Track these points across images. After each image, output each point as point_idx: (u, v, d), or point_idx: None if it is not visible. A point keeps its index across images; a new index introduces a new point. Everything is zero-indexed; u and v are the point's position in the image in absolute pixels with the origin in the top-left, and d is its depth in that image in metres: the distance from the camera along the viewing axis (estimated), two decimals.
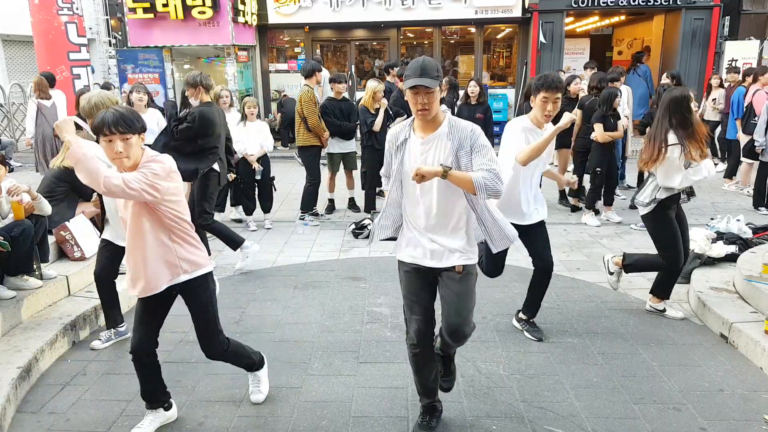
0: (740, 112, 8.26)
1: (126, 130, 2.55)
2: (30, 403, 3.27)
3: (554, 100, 3.52)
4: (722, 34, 11.49)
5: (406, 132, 2.71)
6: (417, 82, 2.53)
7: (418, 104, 2.59)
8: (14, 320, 3.87)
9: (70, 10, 10.06)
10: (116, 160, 2.59)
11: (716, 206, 7.45)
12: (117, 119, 2.53)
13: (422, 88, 2.54)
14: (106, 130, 2.53)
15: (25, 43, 13.15)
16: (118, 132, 2.53)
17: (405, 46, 13.90)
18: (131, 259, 2.79)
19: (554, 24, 12.10)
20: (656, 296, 4.31)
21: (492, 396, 3.26)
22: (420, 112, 2.60)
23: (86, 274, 4.61)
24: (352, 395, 3.29)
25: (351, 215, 7.25)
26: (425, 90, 2.55)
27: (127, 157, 2.58)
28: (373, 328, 4.13)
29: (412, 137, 2.70)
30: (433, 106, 2.60)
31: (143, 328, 2.90)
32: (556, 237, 6.26)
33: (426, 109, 2.58)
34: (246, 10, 12.07)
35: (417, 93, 2.56)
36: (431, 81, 2.53)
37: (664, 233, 4.03)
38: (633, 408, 3.14)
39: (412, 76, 2.56)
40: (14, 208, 4.05)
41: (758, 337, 3.63)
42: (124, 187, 2.51)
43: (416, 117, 2.66)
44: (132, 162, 2.62)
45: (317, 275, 5.22)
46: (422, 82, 2.52)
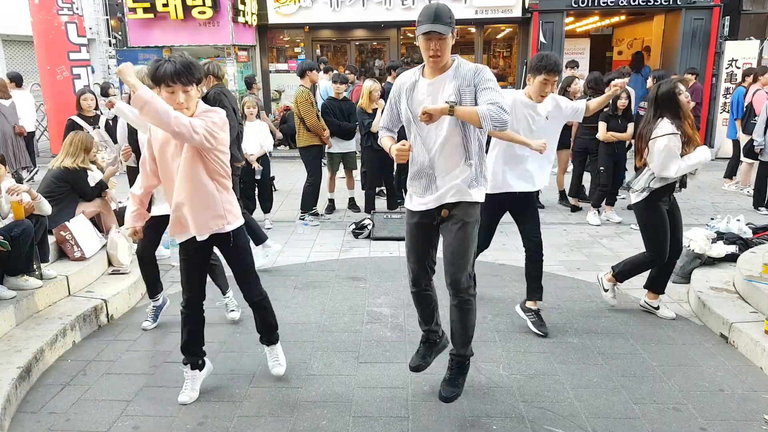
0: (740, 112, 8.26)
1: (187, 82, 2.70)
2: (30, 403, 3.27)
3: (553, 82, 3.64)
4: (722, 34, 11.48)
5: (416, 76, 2.82)
6: (430, 28, 2.57)
7: (430, 50, 2.65)
8: (14, 320, 3.87)
9: (70, 10, 10.06)
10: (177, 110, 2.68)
11: (716, 206, 7.46)
12: (179, 70, 2.66)
13: (435, 34, 2.59)
14: (168, 81, 2.66)
15: (25, 43, 13.14)
16: (180, 83, 2.67)
17: (405, 46, 13.89)
18: (180, 208, 2.94)
19: (554, 24, 12.09)
20: (651, 291, 4.31)
21: (492, 396, 3.26)
22: (432, 58, 2.67)
23: (86, 274, 4.61)
24: (352, 395, 3.29)
25: (351, 215, 7.26)
26: (438, 36, 2.60)
27: (187, 108, 2.75)
28: (373, 328, 4.13)
29: (420, 80, 2.80)
30: (446, 52, 2.67)
31: (192, 283, 3.12)
32: (556, 237, 6.27)
33: (438, 55, 2.65)
34: (246, 10, 12.06)
35: (430, 39, 2.62)
36: (444, 27, 2.56)
37: (653, 225, 4.02)
38: (633, 408, 3.14)
39: (425, 22, 2.59)
40: (14, 208, 4.06)
41: (758, 337, 3.63)
42: (191, 129, 2.65)
43: (427, 63, 2.73)
44: (190, 113, 2.78)
45: (317, 275, 5.22)
46: (435, 29, 2.56)
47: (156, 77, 2.70)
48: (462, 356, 3.07)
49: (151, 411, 3.17)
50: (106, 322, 4.29)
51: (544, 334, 3.92)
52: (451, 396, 3.02)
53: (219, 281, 4.25)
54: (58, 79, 10.09)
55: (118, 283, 4.63)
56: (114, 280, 4.72)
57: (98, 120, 6.93)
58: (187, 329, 3.21)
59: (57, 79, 10.09)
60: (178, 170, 2.87)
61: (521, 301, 4.15)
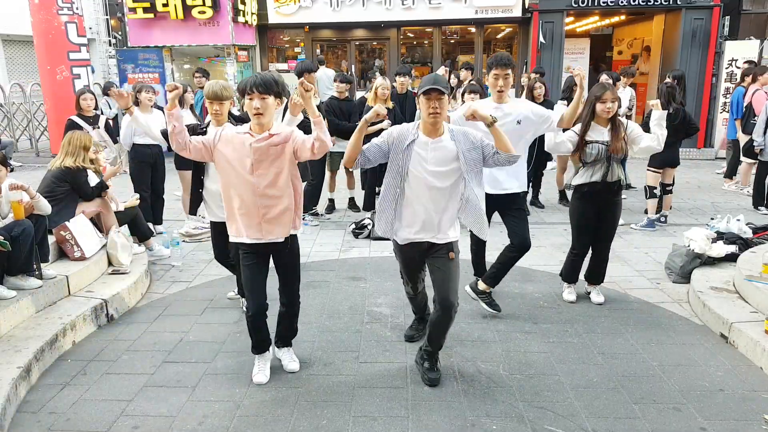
0: (740, 112, 8.26)
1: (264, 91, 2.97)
2: (30, 403, 3.27)
3: (504, 76, 3.88)
4: (722, 34, 11.48)
5: (414, 134, 3.12)
6: (431, 86, 2.98)
7: (430, 107, 3.01)
8: (14, 320, 3.87)
9: (70, 10, 10.06)
10: (255, 115, 3.01)
11: (716, 206, 7.45)
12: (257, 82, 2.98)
13: (435, 92, 2.98)
14: (248, 89, 2.98)
15: (25, 43, 13.16)
16: (257, 92, 2.96)
17: (405, 46, 13.88)
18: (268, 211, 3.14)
19: (554, 24, 12.09)
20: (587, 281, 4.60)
21: (492, 396, 3.26)
22: (432, 115, 3.02)
23: (86, 274, 4.61)
24: (352, 395, 3.29)
25: (351, 215, 7.25)
26: (437, 95, 2.99)
27: (262, 114, 3.00)
28: (373, 328, 4.13)
29: (420, 138, 3.11)
30: (443, 111, 3.02)
31: (258, 289, 3.28)
32: (556, 237, 6.27)
33: (437, 112, 3.01)
34: (246, 9, 12.06)
35: (430, 98, 2.99)
36: (443, 88, 2.98)
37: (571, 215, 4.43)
38: (633, 408, 3.14)
39: (427, 84, 3.00)
40: (14, 207, 4.06)
41: (758, 337, 3.63)
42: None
43: (427, 120, 3.07)
44: (267, 119, 3.05)
45: (317, 275, 5.22)
46: (436, 86, 2.97)
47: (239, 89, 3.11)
48: (435, 352, 3.42)
49: (151, 411, 3.17)
50: (106, 322, 4.29)
51: (498, 310, 4.20)
52: (436, 378, 3.36)
53: None
54: (58, 78, 10.09)
55: (118, 283, 4.63)
56: (114, 280, 4.72)
57: (98, 120, 6.93)
58: (258, 333, 3.38)
59: (57, 78, 10.09)
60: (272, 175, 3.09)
61: (473, 281, 4.44)
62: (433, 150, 3.09)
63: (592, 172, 4.15)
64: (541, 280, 5.00)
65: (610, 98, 4.03)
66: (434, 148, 3.09)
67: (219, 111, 3.77)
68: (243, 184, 3.12)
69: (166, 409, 3.19)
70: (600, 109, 4.05)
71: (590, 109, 4.10)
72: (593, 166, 4.14)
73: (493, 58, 3.92)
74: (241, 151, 3.09)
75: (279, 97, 3.06)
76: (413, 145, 3.10)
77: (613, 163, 4.10)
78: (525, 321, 4.21)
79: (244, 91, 3.02)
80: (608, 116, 4.07)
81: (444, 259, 3.23)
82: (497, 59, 3.88)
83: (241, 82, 3.07)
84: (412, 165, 3.09)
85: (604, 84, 4.20)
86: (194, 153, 3.18)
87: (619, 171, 4.16)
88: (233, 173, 3.13)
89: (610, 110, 4.04)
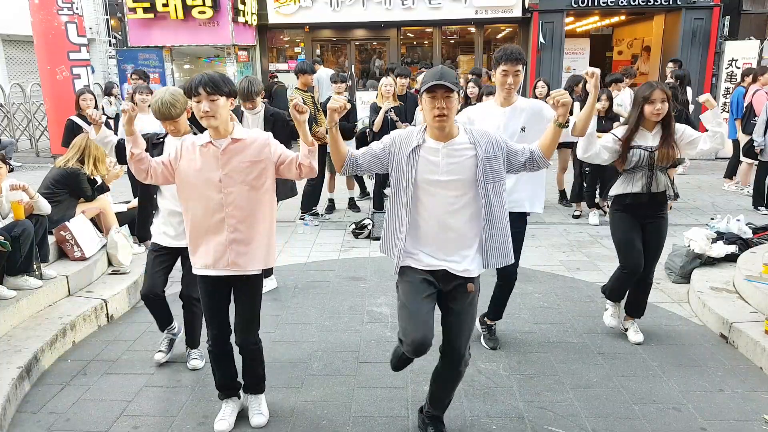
0: (740, 112, 8.26)
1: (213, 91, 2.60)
2: (30, 403, 3.27)
3: (514, 72, 3.32)
4: (722, 34, 11.49)
5: (419, 138, 2.51)
6: (436, 82, 2.38)
7: (435, 109, 2.41)
8: (14, 320, 3.87)
9: (70, 10, 10.05)
10: (203, 119, 2.63)
11: (716, 206, 7.45)
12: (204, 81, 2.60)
13: (440, 90, 2.39)
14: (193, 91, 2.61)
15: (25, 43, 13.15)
16: (206, 93, 2.59)
17: (405, 46, 13.89)
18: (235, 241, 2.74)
19: (554, 24, 12.10)
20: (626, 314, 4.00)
21: (492, 396, 3.26)
22: (437, 118, 2.42)
23: (86, 274, 4.61)
24: (352, 395, 3.29)
25: (351, 215, 7.25)
26: (444, 93, 2.40)
27: (213, 116, 2.62)
28: (373, 328, 4.13)
29: (428, 143, 2.51)
30: (452, 112, 2.44)
31: (218, 319, 2.91)
32: (556, 237, 6.27)
33: (444, 114, 2.41)
34: (246, 9, 12.06)
35: (434, 97, 2.41)
36: (451, 84, 2.39)
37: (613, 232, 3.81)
38: (633, 408, 3.14)
39: (431, 80, 2.40)
40: (14, 207, 4.06)
41: (758, 337, 3.63)
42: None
43: (432, 125, 2.47)
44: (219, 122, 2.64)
45: (317, 275, 5.22)
46: (441, 82, 2.38)
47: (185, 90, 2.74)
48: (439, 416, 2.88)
49: (151, 411, 3.17)
50: (106, 322, 4.29)
51: (493, 348, 3.79)
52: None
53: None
54: (58, 78, 10.08)
55: (118, 283, 4.63)
56: (114, 280, 4.72)
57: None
58: (219, 368, 2.99)
59: (57, 78, 10.08)
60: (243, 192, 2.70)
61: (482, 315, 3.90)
62: (447, 155, 2.48)
63: (631, 181, 3.61)
64: (541, 280, 5.00)
65: (659, 98, 3.47)
66: (448, 153, 2.48)
67: (176, 129, 3.22)
68: (208, 205, 2.72)
69: (166, 409, 3.19)
70: (649, 111, 3.49)
71: (638, 112, 3.55)
72: (633, 174, 3.60)
73: (502, 52, 3.35)
74: (207, 165, 2.69)
75: (230, 97, 2.68)
76: (419, 150, 2.50)
77: (657, 171, 3.56)
78: (525, 321, 4.21)
79: (189, 92, 2.65)
80: (658, 119, 3.51)
81: (461, 299, 2.60)
82: (507, 54, 3.31)
83: (186, 83, 2.69)
84: (420, 174, 2.49)
85: (651, 82, 3.61)
86: (156, 178, 2.79)
87: (666, 180, 3.61)
88: (196, 193, 2.73)
89: (660, 112, 3.47)
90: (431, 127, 2.50)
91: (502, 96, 3.43)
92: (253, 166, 2.70)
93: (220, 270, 2.78)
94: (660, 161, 3.53)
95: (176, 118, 3.16)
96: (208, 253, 2.77)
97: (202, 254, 2.79)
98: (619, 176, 3.71)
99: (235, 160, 2.69)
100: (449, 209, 2.52)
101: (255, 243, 2.77)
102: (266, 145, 2.74)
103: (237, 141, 2.70)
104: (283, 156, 2.75)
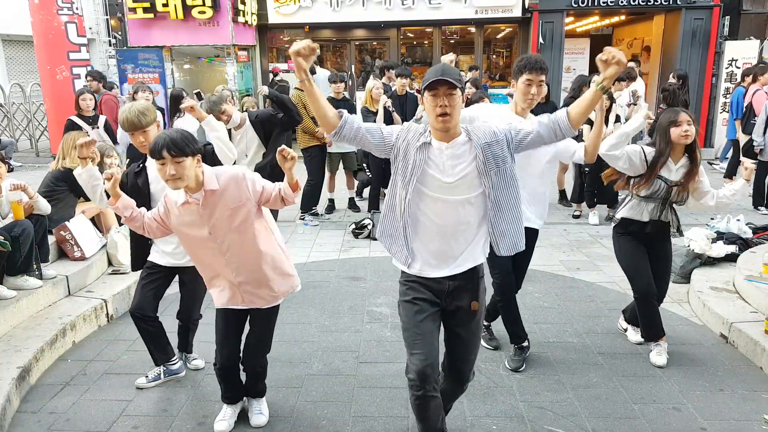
0: (740, 112, 8.25)
1: (177, 154, 2.50)
2: (30, 402, 3.27)
3: (539, 83, 3.14)
4: (722, 34, 11.48)
5: (426, 137, 2.36)
6: (437, 77, 2.23)
7: (437, 107, 2.26)
8: (14, 320, 3.87)
9: (70, 10, 10.05)
10: (169, 181, 2.54)
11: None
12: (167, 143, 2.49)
13: (442, 86, 2.24)
14: (156, 154, 2.51)
15: (25, 43, 13.15)
16: (170, 155, 2.49)
17: (405, 46, 13.87)
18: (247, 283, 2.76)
19: (554, 24, 12.08)
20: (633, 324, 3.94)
21: (492, 396, 3.26)
22: (440, 117, 2.27)
23: (86, 274, 4.61)
24: (352, 395, 3.29)
25: (351, 215, 7.26)
26: (446, 90, 2.24)
27: (180, 179, 2.53)
28: (373, 328, 4.13)
29: (433, 143, 2.36)
30: (455, 111, 2.28)
31: (230, 345, 2.90)
32: (556, 237, 6.27)
33: (447, 113, 2.26)
34: (246, 9, 12.05)
35: (436, 95, 2.26)
36: (453, 80, 2.24)
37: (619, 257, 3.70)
38: (633, 408, 3.14)
39: (432, 76, 2.26)
40: (14, 207, 4.06)
41: (758, 337, 3.63)
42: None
43: (435, 125, 2.32)
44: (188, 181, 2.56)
45: (317, 275, 5.22)
46: (443, 77, 2.23)
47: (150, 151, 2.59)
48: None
49: (151, 411, 3.18)
50: (106, 322, 4.29)
51: (495, 348, 3.80)
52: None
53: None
54: (57, 78, 10.08)
55: (118, 283, 4.63)
56: (114, 280, 4.72)
57: (97, 120, 6.93)
58: (228, 383, 3.00)
59: (57, 78, 10.08)
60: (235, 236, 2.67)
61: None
62: (450, 157, 2.34)
63: (643, 209, 3.48)
64: (541, 280, 4.99)
65: (685, 120, 3.29)
66: (451, 155, 2.34)
67: (145, 141, 3.07)
68: (210, 252, 2.72)
69: (166, 409, 3.19)
70: (677, 134, 3.31)
71: (667, 139, 3.35)
72: (646, 203, 3.47)
73: (525, 61, 3.15)
74: (192, 221, 2.66)
75: (195, 155, 2.57)
76: (427, 148, 2.35)
77: (669, 206, 3.47)
78: (525, 321, 4.19)
79: (152, 154, 2.53)
80: (687, 141, 3.32)
81: (467, 322, 2.49)
82: (531, 62, 3.12)
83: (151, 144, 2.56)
84: (424, 176, 2.34)
85: (675, 109, 3.44)
86: (154, 234, 2.79)
87: (672, 216, 3.52)
88: (196, 243, 2.73)
89: (688, 134, 3.29)
90: (434, 128, 2.36)
91: (522, 106, 3.24)
92: (236, 213, 2.65)
93: (237, 305, 2.84)
94: (677, 197, 3.41)
95: (146, 127, 3.06)
96: (223, 291, 2.83)
97: (217, 293, 2.85)
98: (629, 199, 3.57)
99: (218, 212, 2.64)
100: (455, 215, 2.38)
101: (263, 280, 2.78)
102: (242, 184, 2.65)
103: (211, 192, 2.62)
104: (266, 192, 2.68)
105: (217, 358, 2.91)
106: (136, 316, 3.25)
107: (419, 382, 2.37)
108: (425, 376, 2.36)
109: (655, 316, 3.60)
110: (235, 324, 2.91)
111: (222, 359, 2.90)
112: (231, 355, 2.90)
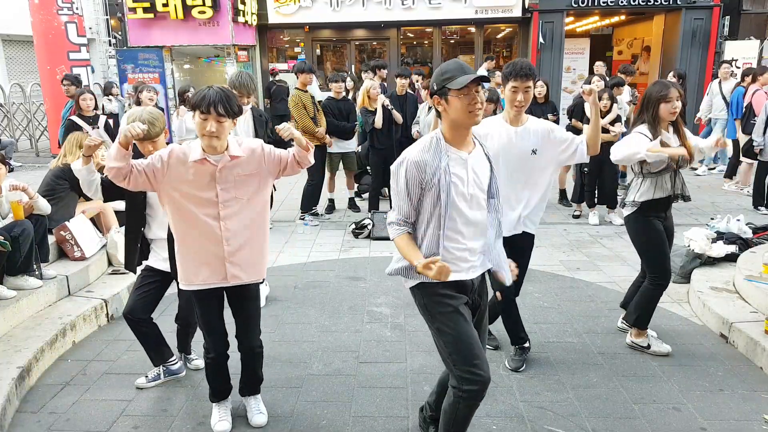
0: (739, 112, 8.26)
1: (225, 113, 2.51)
2: (30, 402, 3.27)
3: (524, 89, 3.11)
4: (722, 34, 11.50)
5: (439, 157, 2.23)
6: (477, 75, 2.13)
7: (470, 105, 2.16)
8: (14, 320, 3.87)
9: (70, 10, 10.07)
10: (205, 137, 2.53)
11: (716, 206, 7.45)
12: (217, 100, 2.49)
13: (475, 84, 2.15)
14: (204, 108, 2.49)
15: (25, 43, 13.16)
16: (217, 113, 2.49)
17: (405, 45, 13.89)
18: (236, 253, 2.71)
19: (554, 24, 12.10)
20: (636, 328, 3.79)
21: (492, 396, 3.26)
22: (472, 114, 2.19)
23: (86, 274, 4.61)
24: (352, 395, 3.29)
25: (351, 215, 7.25)
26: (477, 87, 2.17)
27: (217, 137, 2.53)
28: (373, 328, 4.13)
29: (452, 157, 2.26)
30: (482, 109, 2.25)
31: (216, 329, 2.88)
32: (556, 237, 6.27)
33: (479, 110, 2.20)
34: (246, 9, 12.06)
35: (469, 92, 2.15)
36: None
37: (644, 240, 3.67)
38: (633, 408, 3.14)
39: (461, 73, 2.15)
40: (14, 208, 4.06)
41: (758, 337, 3.63)
42: None
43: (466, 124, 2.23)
44: (222, 142, 2.58)
45: (317, 275, 5.22)
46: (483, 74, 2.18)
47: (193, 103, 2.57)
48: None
49: (151, 411, 3.17)
50: (106, 322, 4.29)
51: (495, 348, 3.79)
52: None
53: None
54: (58, 78, 10.08)
55: (118, 283, 4.63)
56: (114, 280, 4.72)
57: (98, 120, 6.93)
58: (218, 375, 2.98)
59: (57, 78, 10.09)
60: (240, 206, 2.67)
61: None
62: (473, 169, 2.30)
63: (661, 184, 3.48)
64: (541, 280, 5.00)
65: (675, 96, 3.38)
66: (474, 165, 2.30)
67: (154, 149, 3.00)
68: (203, 220, 2.64)
69: (166, 409, 3.19)
70: (666, 110, 3.39)
71: (654, 111, 3.43)
72: (660, 177, 3.47)
73: (511, 67, 3.12)
74: (200, 180, 2.60)
75: (236, 117, 2.59)
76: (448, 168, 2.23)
77: (678, 174, 3.50)
78: (525, 321, 4.18)
79: (196, 105, 2.51)
80: (674, 118, 3.43)
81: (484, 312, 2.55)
82: (517, 69, 3.07)
83: (196, 95, 2.55)
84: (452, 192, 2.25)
85: (664, 82, 3.52)
86: (135, 184, 2.57)
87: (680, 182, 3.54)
88: (188, 207, 2.63)
89: (676, 110, 3.40)
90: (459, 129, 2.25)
91: (512, 114, 3.20)
92: (250, 179, 2.67)
93: (219, 283, 2.77)
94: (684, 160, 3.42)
95: (155, 137, 3.02)
96: (205, 267, 2.73)
97: (198, 270, 2.73)
98: (641, 180, 3.53)
99: (232, 176, 2.63)
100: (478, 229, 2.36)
101: (253, 255, 2.77)
102: (261, 155, 2.69)
103: (235, 158, 2.62)
104: (283, 160, 2.72)
105: (210, 346, 2.89)
106: (129, 319, 3.24)
107: (484, 389, 2.36)
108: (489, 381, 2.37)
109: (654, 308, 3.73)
110: (216, 307, 2.87)
111: (214, 345, 2.88)
112: (221, 339, 2.89)
